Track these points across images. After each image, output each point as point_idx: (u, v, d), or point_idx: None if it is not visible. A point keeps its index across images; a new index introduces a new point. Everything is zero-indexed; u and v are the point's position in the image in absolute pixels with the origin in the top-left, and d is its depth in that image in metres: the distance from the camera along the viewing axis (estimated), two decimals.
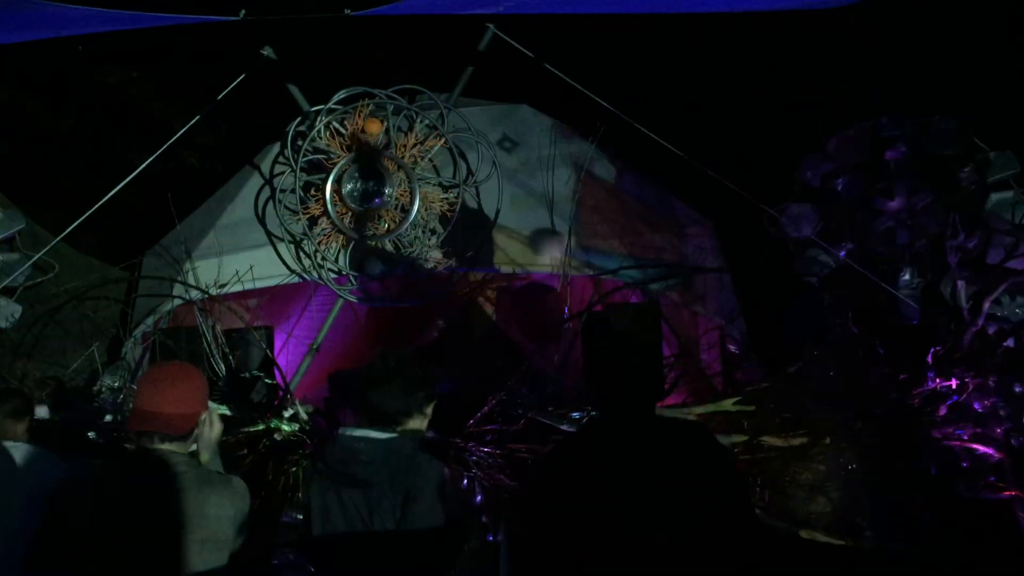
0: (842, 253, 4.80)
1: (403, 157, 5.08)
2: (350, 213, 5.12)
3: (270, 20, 4.31)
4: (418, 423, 2.82)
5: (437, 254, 5.24)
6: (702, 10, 4.52)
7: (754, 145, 5.19)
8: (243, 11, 3.97)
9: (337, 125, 5.11)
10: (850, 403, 4.45)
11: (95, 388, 4.83)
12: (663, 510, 2.46)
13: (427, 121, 5.17)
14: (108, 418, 4.52)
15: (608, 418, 2.65)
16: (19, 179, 5.63)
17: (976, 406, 4.33)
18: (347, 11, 3.71)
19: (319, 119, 5.08)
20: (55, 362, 5.16)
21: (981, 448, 4.26)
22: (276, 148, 5.39)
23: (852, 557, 4.18)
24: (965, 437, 4.33)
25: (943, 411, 4.40)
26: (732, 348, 5.33)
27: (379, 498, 2.65)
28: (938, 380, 4.42)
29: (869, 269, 4.69)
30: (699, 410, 4.71)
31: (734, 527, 2.53)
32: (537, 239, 5.49)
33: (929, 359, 4.46)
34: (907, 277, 4.69)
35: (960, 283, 4.58)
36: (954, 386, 4.38)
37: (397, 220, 5.12)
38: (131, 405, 4.43)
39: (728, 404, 4.67)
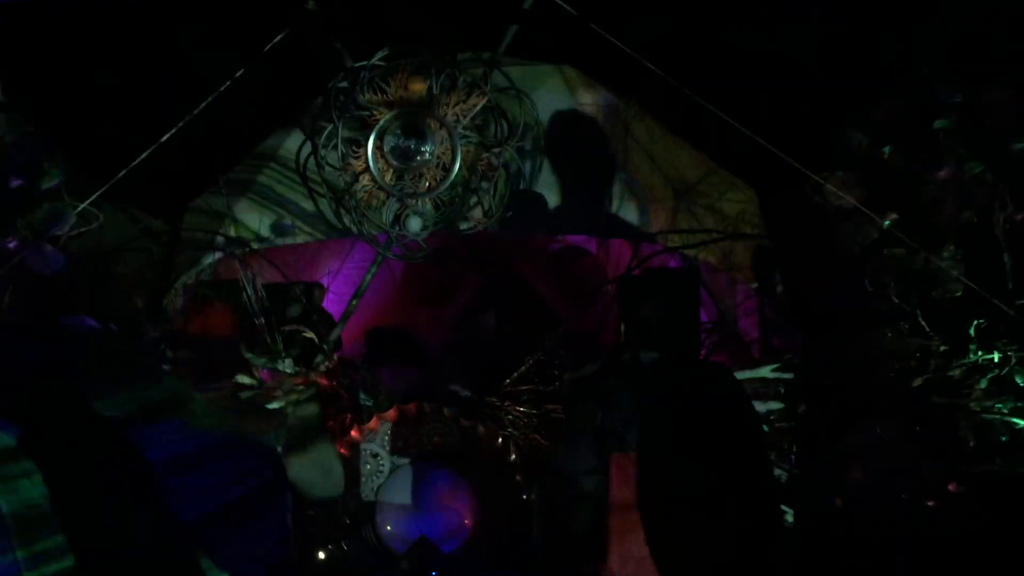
0: (886, 222, 4.75)
1: (445, 115, 5.06)
2: (391, 170, 5.12)
3: None
4: None
5: (476, 213, 5.23)
6: None
7: (799, 111, 5.11)
8: None
9: (380, 82, 5.09)
10: (889, 373, 4.43)
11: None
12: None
13: (470, 80, 5.14)
14: None
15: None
16: (63, 130, 5.67)
17: (1018, 380, 4.30)
18: None
19: (362, 75, 5.06)
20: (99, 310, 5.23)
21: (1022, 422, 4.23)
22: (318, 104, 5.39)
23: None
24: (1005, 411, 4.30)
25: (984, 384, 4.38)
26: (770, 315, 5.31)
27: None
28: (980, 352, 4.39)
29: (913, 239, 4.64)
30: (735, 376, 4.72)
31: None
32: (575, 201, 5.48)
33: (971, 331, 4.42)
34: (952, 248, 4.64)
35: (1006, 256, 4.52)
36: (996, 359, 4.34)
37: (438, 179, 5.12)
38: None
39: (765, 371, 4.67)
